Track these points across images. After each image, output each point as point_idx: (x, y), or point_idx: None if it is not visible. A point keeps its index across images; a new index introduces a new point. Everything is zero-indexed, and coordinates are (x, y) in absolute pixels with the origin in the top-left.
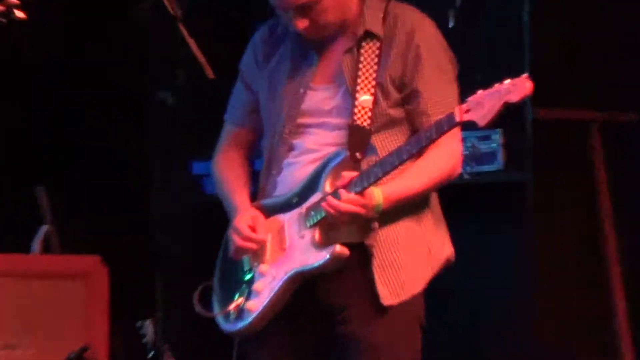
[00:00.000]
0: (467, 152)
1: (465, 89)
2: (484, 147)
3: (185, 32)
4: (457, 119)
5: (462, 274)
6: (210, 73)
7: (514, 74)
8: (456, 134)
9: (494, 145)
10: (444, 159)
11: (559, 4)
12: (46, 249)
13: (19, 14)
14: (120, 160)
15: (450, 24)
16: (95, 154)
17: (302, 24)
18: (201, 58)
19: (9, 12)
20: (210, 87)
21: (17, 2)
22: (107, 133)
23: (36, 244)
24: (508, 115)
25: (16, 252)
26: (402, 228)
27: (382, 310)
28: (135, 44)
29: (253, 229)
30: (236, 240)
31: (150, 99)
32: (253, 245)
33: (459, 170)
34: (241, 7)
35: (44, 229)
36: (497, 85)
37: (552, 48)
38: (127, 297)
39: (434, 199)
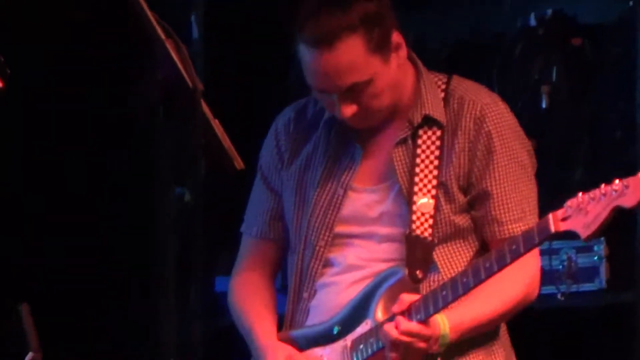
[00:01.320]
0: (561, 268)
1: (559, 190)
2: (583, 261)
3: (208, 111)
4: (553, 229)
5: None
6: (239, 163)
7: (624, 171)
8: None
9: (595, 258)
10: (521, 279)
11: None
12: None
13: None
14: (123, 276)
15: (544, 104)
16: (92, 266)
17: (349, 110)
18: (228, 143)
19: None
20: (238, 179)
21: None
22: (107, 240)
23: None
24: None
25: None
26: None
27: None
28: (141, 126)
29: None
30: None
31: (164, 196)
32: None
33: (536, 293)
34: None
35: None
36: (603, 187)
37: None
38: None
39: (502, 328)
